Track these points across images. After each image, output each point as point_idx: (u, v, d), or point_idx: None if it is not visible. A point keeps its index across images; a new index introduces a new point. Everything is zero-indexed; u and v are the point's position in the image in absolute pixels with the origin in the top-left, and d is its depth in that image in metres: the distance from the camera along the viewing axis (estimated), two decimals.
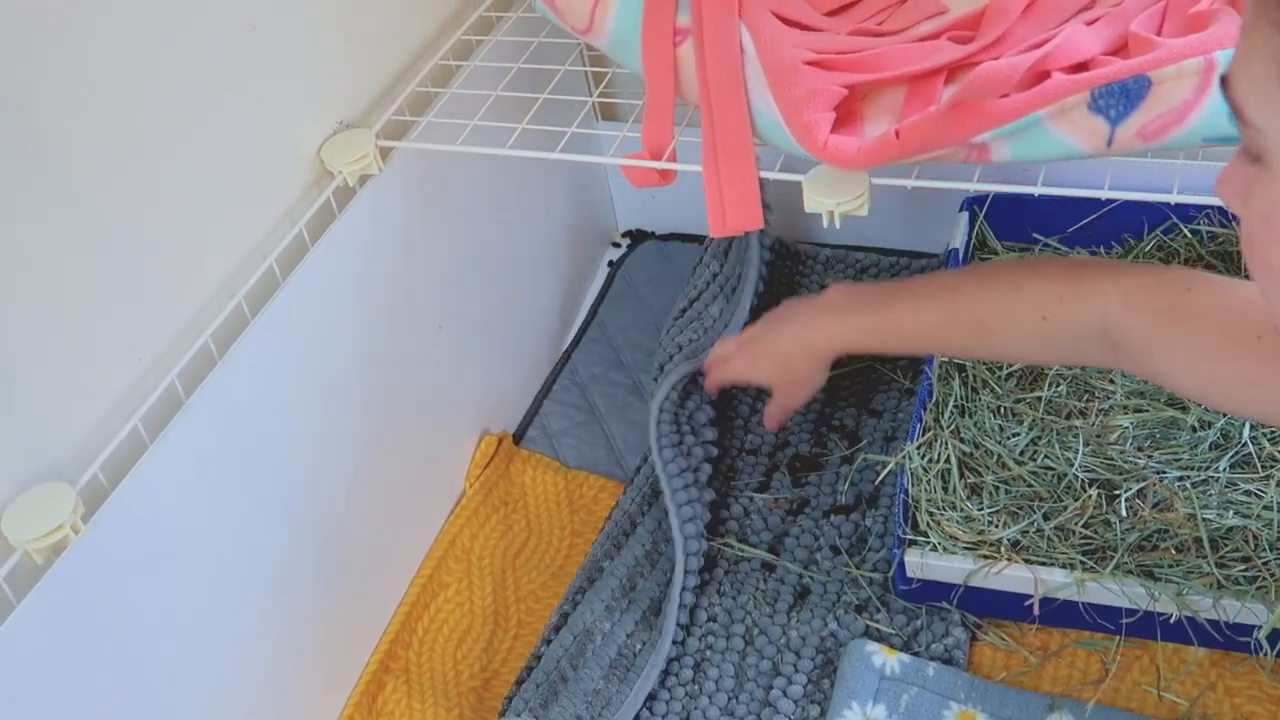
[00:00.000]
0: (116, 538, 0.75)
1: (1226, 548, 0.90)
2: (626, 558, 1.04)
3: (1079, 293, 0.79)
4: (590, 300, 1.37)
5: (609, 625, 0.99)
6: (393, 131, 0.98)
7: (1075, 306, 0.79)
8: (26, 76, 0.69)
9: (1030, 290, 0.82)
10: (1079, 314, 0.79)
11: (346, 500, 0.98)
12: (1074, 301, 0.79)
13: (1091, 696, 0.90)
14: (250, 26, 0.86)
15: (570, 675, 0.96)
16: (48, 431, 0.74)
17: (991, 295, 0.85)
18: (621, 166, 0.89)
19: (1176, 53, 0.70)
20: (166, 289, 0.82)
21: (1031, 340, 0.82)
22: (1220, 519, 0.91)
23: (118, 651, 0.76)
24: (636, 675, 0.96)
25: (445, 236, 1.08)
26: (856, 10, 0.93)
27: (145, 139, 0.78)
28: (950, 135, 0.75)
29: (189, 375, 0.81)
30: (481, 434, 1.18)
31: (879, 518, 1.05)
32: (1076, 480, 0.96)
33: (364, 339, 0.98)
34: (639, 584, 1.03)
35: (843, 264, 1.30)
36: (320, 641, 0.97)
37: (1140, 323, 0.76)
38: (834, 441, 1.13)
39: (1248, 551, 0.90)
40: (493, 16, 1.13)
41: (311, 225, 0.91)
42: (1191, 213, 1.13)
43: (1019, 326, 0.82)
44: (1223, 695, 0.90)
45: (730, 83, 0.85)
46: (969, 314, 0.85)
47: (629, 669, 0.97)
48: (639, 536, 1.05)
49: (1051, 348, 0.83)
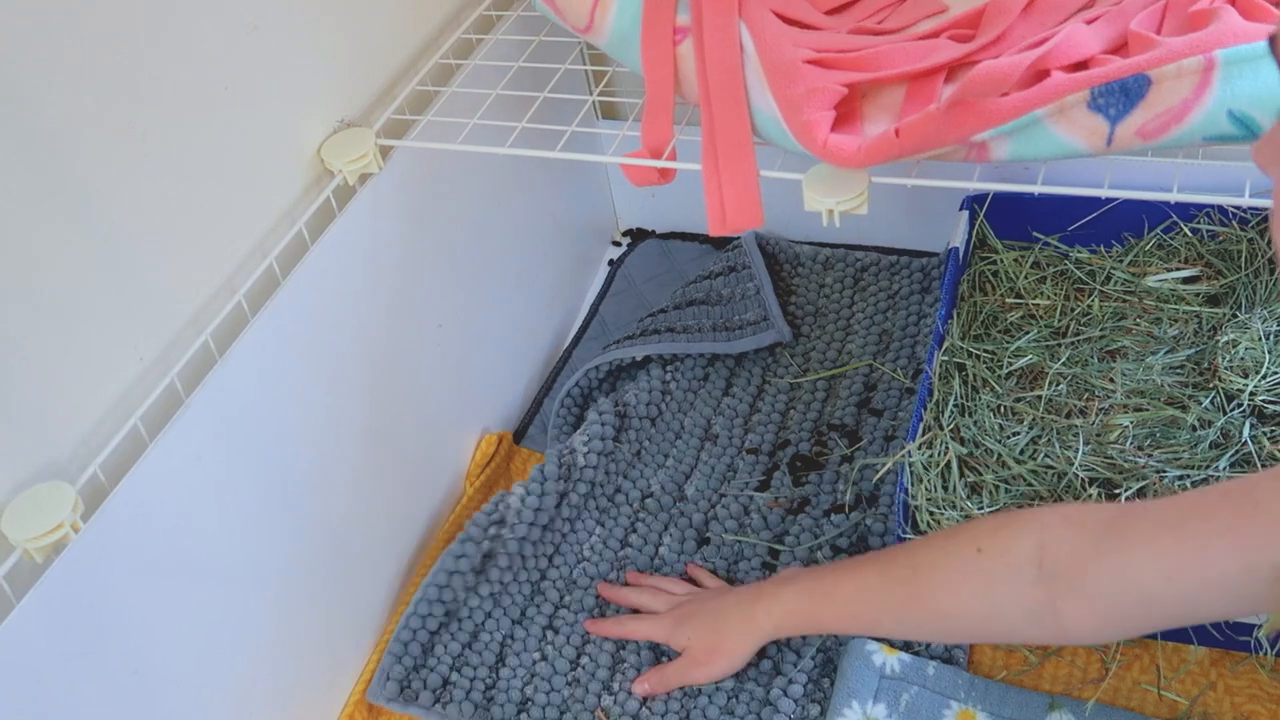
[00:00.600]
0: (116, 537, 0.75)
1: None
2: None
3: (1016, 518, 0.77)
4: (590, 299, 1.37)
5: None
6: (393, 130, 0.98)
7: (1010, 532, 0.76)
8: (28, 76, 0.69)
9: (969, 528, 0.80)
10: (1014, 539, 0.76)
11: (346, 498, 0.98)
12: (1009, 527, 0.77)
13: (1092, 695, 0.90)
14: (251, 27, 0.86)
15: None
16: (48, 430, 0.74)
17: (930, 543, 0.83)
18: (622, 165, 0.89)
19: (1176, 51, 0.70)
20: (167, 287, 0.82)
21: (963, 581, 0.78)
22: None
23: (117, 650, 0.76)
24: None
25: (445, 235, 1.08)
26: (856, 9, 0.93)
27: (146, 138, 0.78)
28: (950, 134, 0.75)
29: (189, 374, 0.81)
30: (481, 433, 1.18)
31: (879, 517, 1.05)
32: (1077, 479, 0.96)
33: (364, 338, 0.98)
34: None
35: (842, 263, 1.30)
36: (320, 640, 0.97)
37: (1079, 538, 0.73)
38: (834, 440, 1.13)
39: None
40: (493, 15, 1.13)
41: (311, 224, 0.91)
42: (1192, 211, 1.13)
43: (951, 564, 0.79)
44: (1223, 694, 0.90)
45: (730, 81, 0.85)
46: (905, 561, 0.82)
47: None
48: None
49: (983, 589, 0.77)
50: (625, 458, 1.13)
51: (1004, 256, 1.16)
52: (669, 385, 1.19)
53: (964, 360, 1.06)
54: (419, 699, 0.98)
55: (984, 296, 1.14)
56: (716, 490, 1.11)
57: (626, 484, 1.12)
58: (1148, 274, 1.12)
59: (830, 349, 1.22)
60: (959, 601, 0.79)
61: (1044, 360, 1.06)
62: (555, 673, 0.99)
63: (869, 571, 0.84)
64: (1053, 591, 0.73)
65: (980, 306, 1.12)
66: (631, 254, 1.40)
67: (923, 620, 0.82)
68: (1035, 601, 0.74)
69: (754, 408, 1.18)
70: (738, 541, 1.06)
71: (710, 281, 1.26)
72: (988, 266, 1.16)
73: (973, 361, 1.06)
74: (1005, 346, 1.08)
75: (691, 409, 1.18)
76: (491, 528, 1.04)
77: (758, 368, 1.21)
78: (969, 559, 0.78)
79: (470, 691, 0.98)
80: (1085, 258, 1.15)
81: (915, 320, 1.22)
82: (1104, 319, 1.09)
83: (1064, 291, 1.13)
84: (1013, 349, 1.07)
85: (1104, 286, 1.12)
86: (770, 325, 1.20)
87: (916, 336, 1.21)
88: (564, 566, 1.07)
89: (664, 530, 1.08)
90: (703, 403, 1.19)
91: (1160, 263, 1.13)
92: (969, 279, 1.15)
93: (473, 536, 1.04)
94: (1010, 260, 1.16)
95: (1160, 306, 1.09)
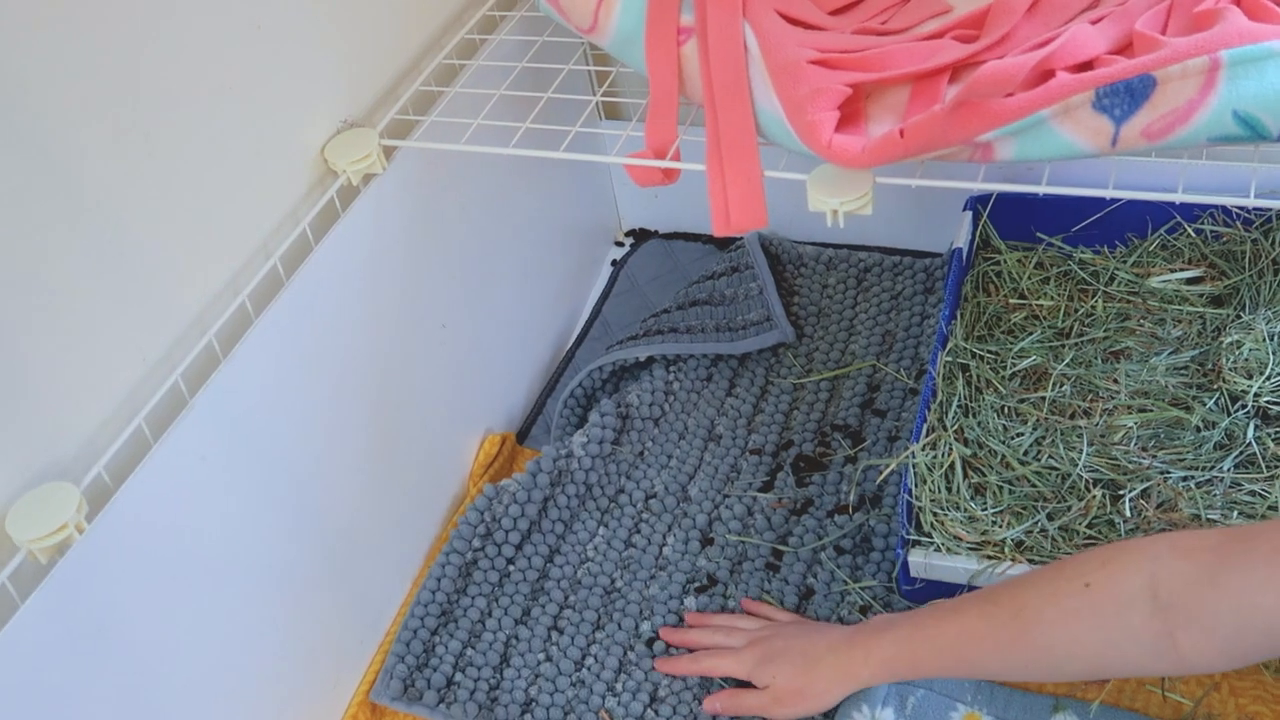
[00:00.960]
0: (120, 537, 0.75)
1: None
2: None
3: (1123, 551, 0.76)
4: (594, 299, 1.37)
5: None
6: (396, 131, 0.98)
7: (1119, 566, 0.75)
8: (33, 77, 0.69)
9: (1075, 563, 0.78)
10: (1124, 573, 0.74)
11: (350, 499, 0.98)
12: (1117, 561, 0.75)
13: (1096, 697, 0.90)
14: (255, 27, 0.86)
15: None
16: (52, 431, 0.74)
17: (1034, 580, 0.80)
18: (626, 166, 0.89)
19: (1181, 52, 0.70)
20: (170, 288, 0.82)
21: (1073, 620, 0.76)
22: (1224, 519, 0.91)
23: (122, 650, 0.76)
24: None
25: (448, 236, 1.08)
26: (860, 9, 0.93)
27: (150, 139, 0.78)
28: (955, 134, 0.75)
29: (193, 375, 0.81)
30: (485, 433, 1.18)
31: (883, 518, 1.05)
32: (1081, 480, 0.96)
33: (367, 338, 0.98)
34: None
35: (845, 264, 1.30)
36: (324, 640, 0.97)
37: (1193, 568, 0.71)
38: (838, 441, 1.13)
39: None
40: (496, 16, 1.13)
41: (315, 224, 0.91)
42: (1196, 212, 1.13)
43: (1060, 602, 0.77)
44: (1227, 695, 0.90)
45: (734, 82, 0.84)
46: (1009, 601, 0.80)
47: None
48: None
49: (1095, 625, 0.76)
50: (628, 458, 1.14)
51: (1007, 257, 1.16)
52: (672, 386, 1.19)
53: (967, 361, 1.06)
54: (423, 698, 0.98)
55: (987, 297, 1.14)
56: (720, 491, 1.11)
57: (630, 484, 1.12)
58: (1151, 275, 1.12)
59: (834, 350, 1.22)
60: (1071, 639, 0.77)
61: (1048, 361, 1.06)
62: (560, 673, 0.99)
63: (970, 614, 0.82)
64: (1170, 622, 0.72)
65: (984, 307, 1.12)
66: (634, 254, 1.40)
67: (1031, 660, 0.80)
68: (1152, 634, 0.73)
69: (757, 408, 1.18)
70: (741, 542, 1.06)
71: (713, 282, 1.26)
72: (991, 267, 1.16)
73: (976, 362, 1.06)
74: (1009, 347, 1.07)
75: (695, 409, 1.18)
76: (481, 525, 1.06)
77: (761, 368, 1.21)
78: (1078, 595, 0.76)
79: (474, 692, 0.98)
80: (1089, 258, 1.15)
81: (919, 321, 1.22)
82: (1108, 320, 1.09)
83: (1068, 292, 1.12)
84: (1016, 350, 1.07)
85: (1108, 287, 1.12)
86: (774, 326, 1.20)
87: (920, 337, 1.21)
88: (567, 567, 1.07)
89: (668, 531, 1.08)
90: (706, 403, 1.19)
91: (1164, 263, 1.13)
92: (972, 279, 1.15)
93: (463, 534, 1.06)
94: (1014, 261, 1.15)
95: (1164, 307, 1.09)
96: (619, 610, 1.03)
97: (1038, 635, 0.78)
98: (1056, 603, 0.77)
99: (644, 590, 1.04)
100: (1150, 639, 0.73)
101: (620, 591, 1.05)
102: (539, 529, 1.08)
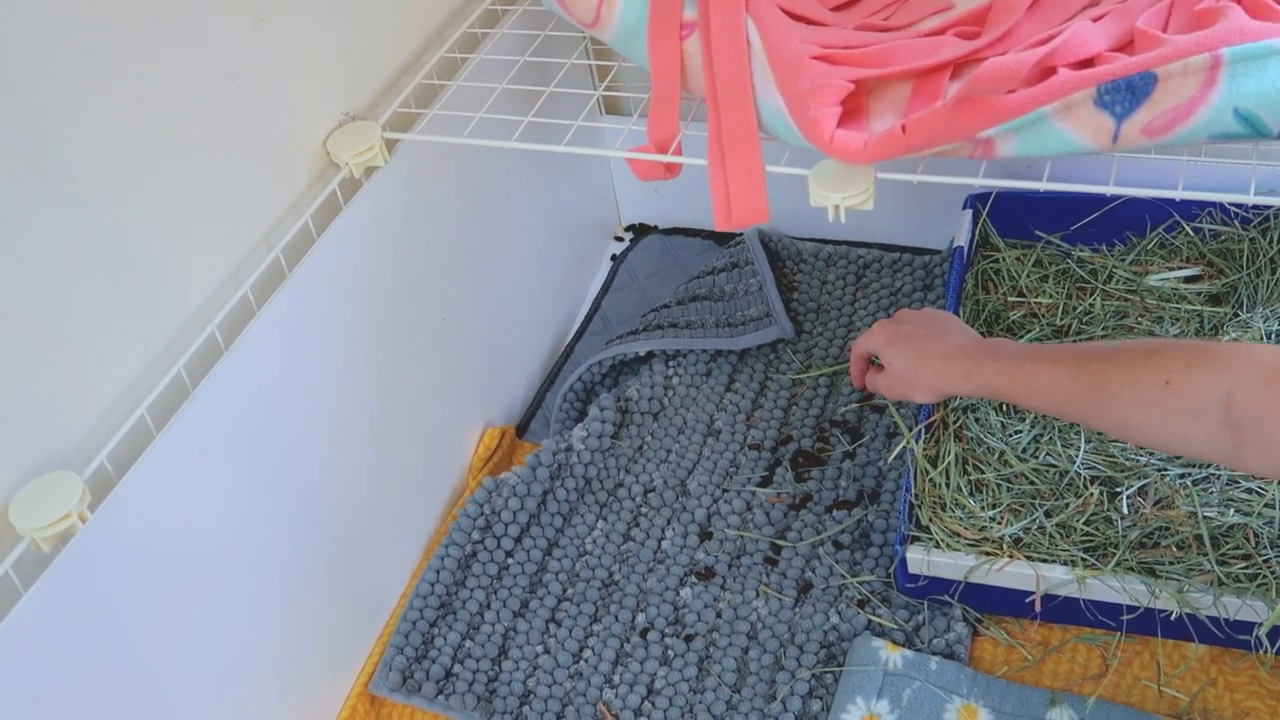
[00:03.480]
0: (123, 527, 0.75)
1: (1227, 545, 0.90)
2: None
3: (1209, 359, 0.77)
4: (593, 293, 1.37)
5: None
6: (398, 124, 0.99)
7: (1202, 372, 0.77)
8: (36, 70, 0.69)
9: (1161, 355, 0.80)
10: (1204, 381, 0.76)
11: (350, 491, 0.99)
12: (1201, 367, 0.77)
13: (1092, 691, 0.91)
14: (258, 19, 0.86)
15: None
16: (55, 421, 0.74)
17: (1123, 359, 0.82)
18: (628, 160, 0.89)
19: (1182, 49, 0.70)
20: (173, 279, 0.82)
21: (1150, 408, 0.79)
22: (1221, 517, 0.92)
23: (123, 640, 0.77)
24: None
25: (450, 229, 1.08)
26: (863, 5, 0.93)
27: (153, 130, 0.78)
28: (956, 130, 0.75)
29: (195, 365, 0.81)
30: (485, 427, 1.19)
31: (881, 513, 1.05)
32: (1078, 477, 0.96)
33: (368, 331, 0.99)
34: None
35: (845, 260, 1.30)
36: (324, 631, 0.97)
37: (1271, 393, 0.73)
38: (836, 437, 1.13)
39: (1248, 549, 0.90)
40: (498, 10, 1.13)
41: (317, 217, 0.92)
42: (1195, 210, 1.13)
43: (1141, 390, 0.79)
44: (1222, 690, 0.90)
45: (737, 77, 0.85)
46: (1098, 373, 0.82)
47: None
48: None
49: (1167, 421, 0.79)
50: (627, 453, 1.14)
51: (1006, 255, 1.16)
52: (671, 381, 1.19)
53: None
54: (421, 690, 0.98)
55: (987, 295, 1.14)
56: (719, 486, 1.11)
57: (629, 479, 1.12)
58: (1149, 273, 1.12)
59: (833, 345, 1.22)
60: (1144, 422, 0.81)
61: None
62: (558, 665, 0.99)
63: (1063, 371, 0.85)
64: (1238, 438, 0.75)
65: (983, 304, 1.13)
66: (634, 249, 1.41)
67: (1107, 427, 0.86)
68: (1221, 442, 0.76)
69: (756, 404, 1.18)
70: (740, 537, 1.06)
71: (713, 277, 1.27)
72: (990, 265, 1.16)
73: None
74: None
75: (694, 404, 1.19)
76: (480, 518, 1.06)
77: (760, 364, 1.22)
78: (1157, 389, 0.78)
79: (473, 683, 0.99)
80: (1087, 256, 1.15)
81: None
82: (1106, 318, 1.09)
83: (1066, 290, 1.13)
84: None
85: (1106, 285, 1.12)
86: (773, 321, 1.21)
87: None
88: (566, 560, 1.07)
89: (666, 525, 1.09)
90: (705, 398, 1.19)
91: (1162, 261, 1.13)
92: (972, 277, 1.15)
93: (462, 527, 1.06)
94: (1012, 259, 1.16)
95: (1162, 305, 1.09)
96: (617, 603, 1.03)
97: (1114, 411, 0.82)
98: (1138, 390, 0.80)
99: (642, 583, 1.04)
100: (1217, 444, 0.76)
101: (618, 584, 1.05)
102: (538, 522, 1.08)
